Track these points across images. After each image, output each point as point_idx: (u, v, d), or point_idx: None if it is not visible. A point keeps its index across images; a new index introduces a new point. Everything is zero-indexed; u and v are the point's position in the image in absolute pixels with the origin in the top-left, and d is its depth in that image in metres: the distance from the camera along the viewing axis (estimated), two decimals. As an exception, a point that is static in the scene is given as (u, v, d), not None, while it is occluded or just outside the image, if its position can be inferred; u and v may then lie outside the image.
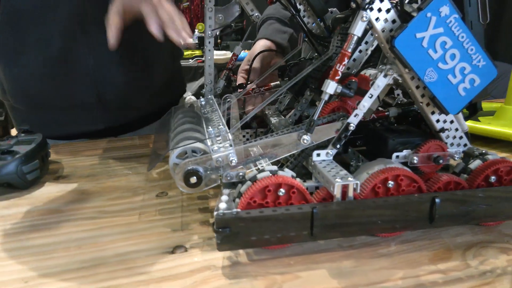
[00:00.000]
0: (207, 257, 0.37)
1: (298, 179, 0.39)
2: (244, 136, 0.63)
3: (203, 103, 0.60)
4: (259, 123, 0.64)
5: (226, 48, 2.55)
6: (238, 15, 0.62)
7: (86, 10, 0.68)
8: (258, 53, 0.76)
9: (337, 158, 0.50)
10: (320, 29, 0.57)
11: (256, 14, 0.60)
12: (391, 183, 0.38)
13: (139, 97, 0.81)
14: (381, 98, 0.46)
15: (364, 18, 0.37)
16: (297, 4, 0.54)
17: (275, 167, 0.39)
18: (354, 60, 0.49)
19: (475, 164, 0.42)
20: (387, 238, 0.40)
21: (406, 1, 0.39)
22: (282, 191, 0.37)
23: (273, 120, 0.57)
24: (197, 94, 0.86)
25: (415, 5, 0.39)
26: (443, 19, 0.37)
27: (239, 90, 0.63)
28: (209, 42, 0.60)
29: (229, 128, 0.46)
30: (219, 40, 2.88)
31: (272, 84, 0.63)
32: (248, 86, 0.63)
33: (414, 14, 0.38)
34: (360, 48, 0.48)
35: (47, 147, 0.60)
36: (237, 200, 0.37)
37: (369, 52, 0.49)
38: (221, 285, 0.33)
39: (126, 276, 0.35)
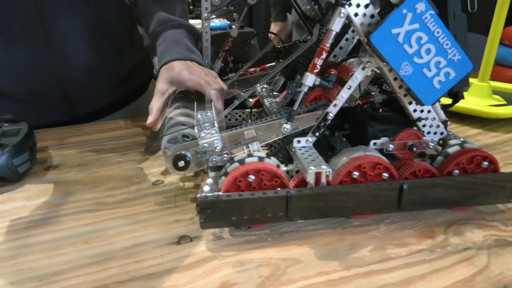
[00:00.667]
0: (212, 246, 0.39)
1: (281, 166, 0.42)
2: (240, 116, 0.65)
3: None
4: (254, 103, 0.66)
5: (199, 16, 2.45)
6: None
7: (44, 8, 0.65)
8: None
9: (325, 141, 0.53)
10: (314, 12, 0.57)
11: None
12: (362, 171, 0.41)
13: (104, 89, 0.80)
14: (363, 88, 0.47)
15: (342, 15, 0.38)
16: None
17: (263, 154, 0.42)
18: (341, 48, 0.50)
19: (443, 154, 0.45)
20: (377, 219, 0.43)
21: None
22: (252, 177, 0.39)
23: (267, 102, 0.59)
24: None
25: None
26: (418, 15, 0.38)
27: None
28: (206, 25, 0.60)
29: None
30: (191, 7, 2.76)
31: (267, 65, 0.65)
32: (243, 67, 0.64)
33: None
34: (346, 36, 0.50)
35: (33, 136, 0.59)
36: (222, 177, 0.40)
37: (355, 40, 0.50)
38: (230, 273, 0.36)
39: (137, 270, 0.36)
